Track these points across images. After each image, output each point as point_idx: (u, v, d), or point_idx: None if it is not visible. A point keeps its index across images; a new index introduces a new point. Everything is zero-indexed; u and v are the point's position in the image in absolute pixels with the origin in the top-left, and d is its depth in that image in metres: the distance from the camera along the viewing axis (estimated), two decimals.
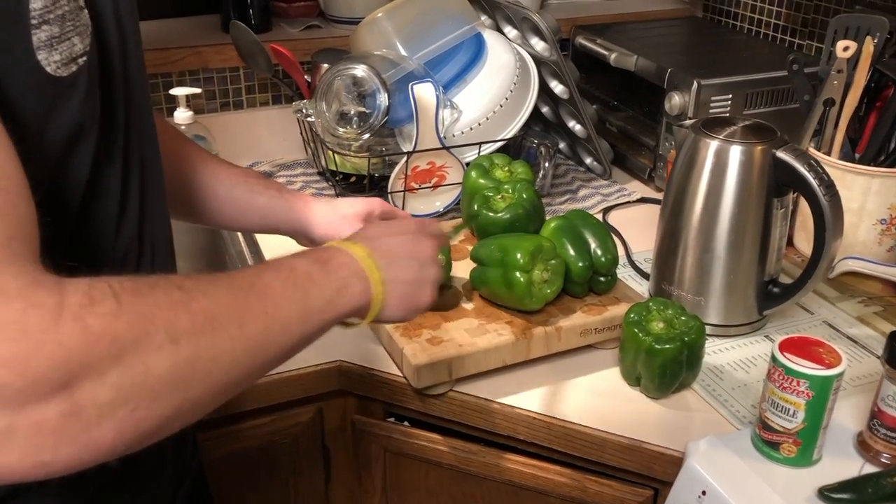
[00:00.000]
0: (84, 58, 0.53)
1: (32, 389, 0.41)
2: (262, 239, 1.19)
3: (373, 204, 0.97)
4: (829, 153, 1.13)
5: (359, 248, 0.65)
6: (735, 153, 0.94)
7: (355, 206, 0.95)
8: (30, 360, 0.41)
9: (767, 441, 0.80)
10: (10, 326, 0.41)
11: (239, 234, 1.24)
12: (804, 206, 1.12)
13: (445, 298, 0.97)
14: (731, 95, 1.28)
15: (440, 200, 1.28)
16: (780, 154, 0.92)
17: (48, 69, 0.50)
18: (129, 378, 0.45)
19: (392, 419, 0.99)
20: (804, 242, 1.18)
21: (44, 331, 0.42)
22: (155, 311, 0.47)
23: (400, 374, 0.93)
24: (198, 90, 1.38)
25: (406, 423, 0.98)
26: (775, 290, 1.00)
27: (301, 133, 1.41)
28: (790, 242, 1.19)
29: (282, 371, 0.94)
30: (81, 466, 0.45)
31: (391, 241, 0.70)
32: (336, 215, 0.94)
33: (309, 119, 1.28)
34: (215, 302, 0.51)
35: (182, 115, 1.32)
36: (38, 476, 0.44)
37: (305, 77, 1.41)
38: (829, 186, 0.90)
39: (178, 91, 1.32)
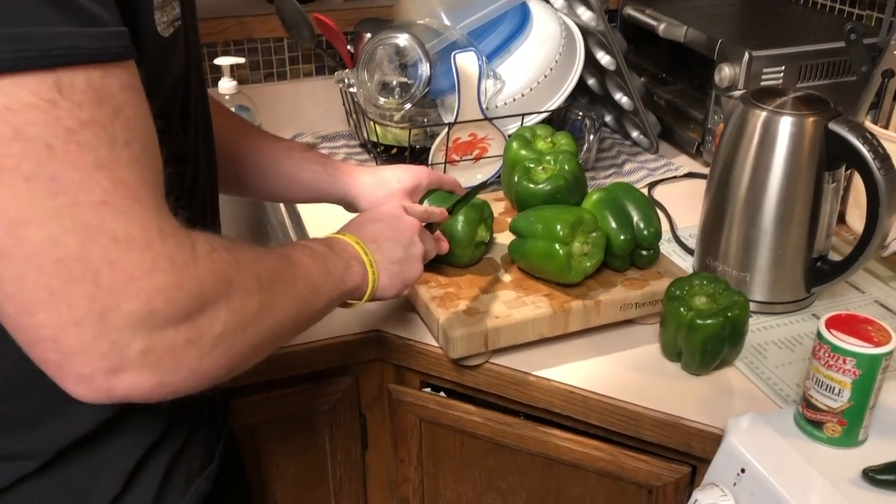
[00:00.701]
0: (179, 21, 0.58)
1: (173, 316, 0.48)
2: (303, 210, 1.19)
3: (420, 176, 0.96)
4: (886, 126, 1.09)
5: (349, 237, 0.76)
6: (785, 125, 0.91)
7: (403, 181, 0.95)
8: (176, 290, 0.48)
9: (811, 420, 0.78)
10: (165, 262, 0.48)
11: (281, 204, 1.25)
12: (858, 182, 1.09)
13: (481, 265, 0.97)
14: (783, 67, 1.23)
15: (481, 173, 1.27)
16: (833, 126, 0.89)
17: (159, 29, 0.54)
18: (233, 315, 0.53)
19: (428, 389, 0.99)
20: (857, 220, 1.14)
21: (187, 266, 0.49)
22: (247, 264, 0.56)
23: (437, 345, 0.92)
24: (242, 60, 1.39)
25: (442, 394, 0.98)
26: (824, 267, 0.97)
27: (343, 104, 1.40)
28: (842, 220, 1.15)
29: (321, 339, 0.95)
30: (188, 391, 0.52)
31: (374, 227, 0.80)
32: (384, 190, 0.94)
33: (351, 90, 1.27)
34: (274, 264, 0.60)
35: (226, 85, 1.33)
36: (155, 396, 0.50)
37: (348, 47, 1.41)
38: (885, 160, 0.87)
39: (223, 61, 1.33)
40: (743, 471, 0.77)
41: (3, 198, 0.44)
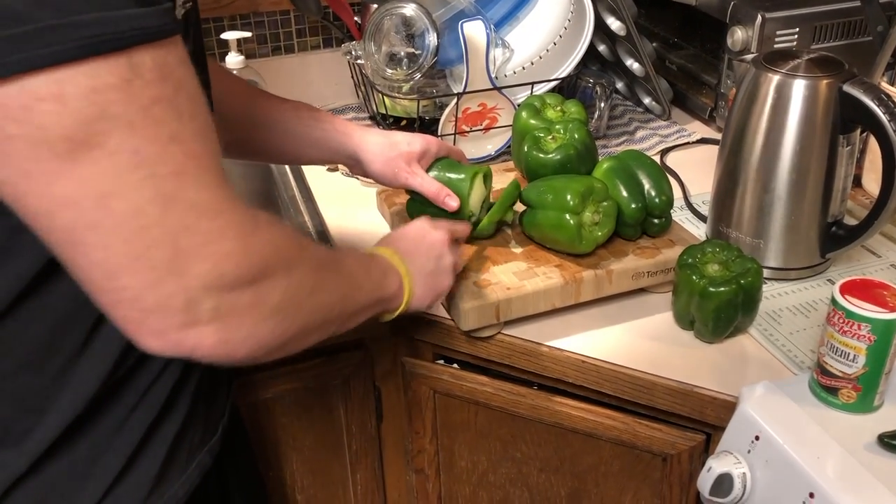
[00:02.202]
0: (191, 2, 0.60)
1: (239, 280, 0.53)
2: (313, 184, 1.19)
3: (430, 142, 0.96)
4: None
5: (385, 250, 0.80)
6: (798, 88, 0.89)
7: (413, 144, 0.94)
8: (243, 255, 0.53)
9: (826, 386, 0.77)
10: (233, 227, 0.52)
11: (291, 180, 1.24)
12: (874, 145, 1.07)
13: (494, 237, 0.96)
14: (797, 29, 1.21)
15: (492, 143, 1.26)
16: (847, 88, 0.87)
17: (177, 13, 0.56)
18: (291, 288, 0.58)
19: (441, 361, 0.99)
20: (873, 184, 1.12)
21: (252, 234, 0.54)
22: (304, 245, 0.61)
23: (448, 317, 0.92)
24: (248, 34, 1.38)
25: (455, 366, 0.99)
26: (839, 231, 0.96)
27: (352, 76, 1.39)
28: (858, 183, 1.13)
29: None
30: (241, 355, 0.55)
31: (406, 242, 0.83)
32: (394, 151, 0.94)
33: (359, 61, 1.26)
34: (325, 252, 0.66)
35: (234, 60, 1.32)
36: (217, 353, 0.54)
37: (355, 18, 1.39)
38: None
39: (230, 35, 1.32)
40: (757, 438, 0.77)
41: (92, 173, 0.47)
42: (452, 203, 0.92)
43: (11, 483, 0.60)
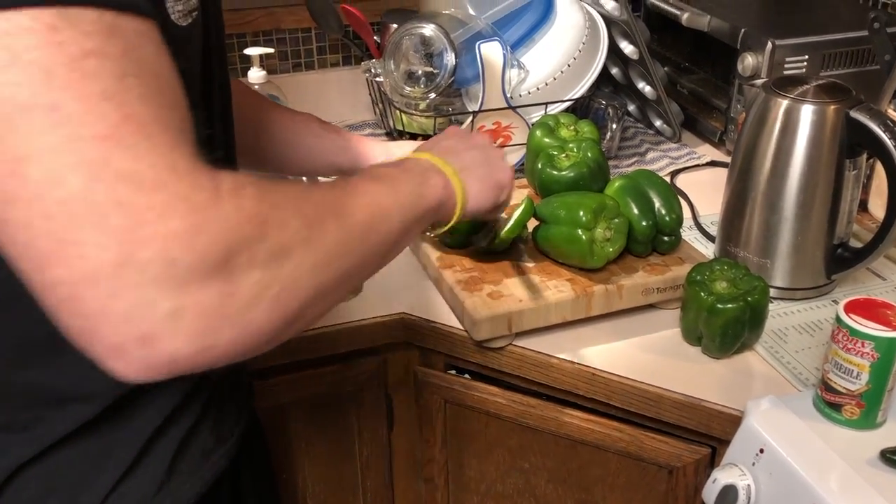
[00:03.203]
0: (197, 12, 0.55)
1: (198, 265, 0.43)
2: None
3: None
4: None
5: (420, 153, 0.72)
6: (806, 113, 0.92)
7: (404, 149, 0.98)
8: (197, 235, 0.43)
9: (829, 402, 0.79)
10: (181, 203, 0.43)
11: None
12: (880, 171, 1.09)
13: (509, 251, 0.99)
14: (807, 56, 1.24)
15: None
16: (854, 114, 0.90)
17: (172, 17, 0.52)
18: (275, 259, 0.47)
19: (453, 371, 1.02)
20: (879, 209, 1.14)
21: (207, 209, 0.44)
22: (286, 200, 0.50)
23: (461, 328, 0.95)
24: (271, 50, 1.42)
25: (466, 376, 1.01)
26: (845, 253, 0.98)
27: (370, 93, 1.43)
28: (864, 208, 1.16)
29: (348, 322, 0.97)
30: (240, 352, 0.47)
31: (446, 142, 0.76)
32: (391, 158, 0.97)
33: (377, 79, 1.30)
34: (324, 198, 0.55)
35: (256, 75, 1.36)
36: (204, 363, 0.45)
37: (375, 38, 1.43)
38: None
39: (252, 51, 1.36)
40: (762, 451, 0.78)
41: (3, 132, 0.40)
42: None
43: (18, 466, 0.60)
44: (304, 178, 1.00)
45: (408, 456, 1.10)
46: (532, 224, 0.99)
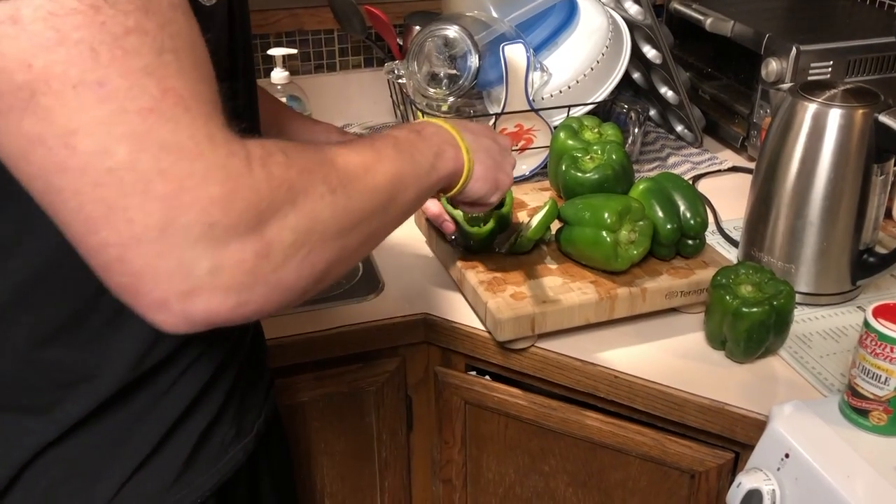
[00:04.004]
0: None
1: (234, 227, 0.46)
2: None
3: None
4: None
5: (445, 122, 0.74)
6: (834, 117, 0.91)
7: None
8: (232, 200, 0.46)
9: (856, 408, 0.79)
10: (218, 171, 0.46)
11: None
12: None
13: (531, 255, 0.99)
14: (832, 62, 1.23)
15: (527, 164, 1.28)
16: (883, 118, 0.90)
17: None
18: (304, 222, 0.50)
19: (473, 372, 1.01)
20: None
21: (241, 175, 0.47)
22: (312, 166, 0.53)
23: (483, 328, 0.95)
24: (294, 51, 1.42)
25: (487, 377, 1.01)
26: (871, 259, 0.97)
27: (391, 95, 1.43)
28: (890, 215, 1.15)
29: (370, 321, 0.97)
30: (272, 307, 0.50)
31: (469, 126, 0.78)
32: None
33: (400, 80, 1.30)
34: (349, 161, 0.57)
35: (279, 76, 1.36)
36: (239, 317, 0.49)
37: (398, 40, 1.43)
38: None
39: (276, 52, 1.36)
40: (787, 456, 0.78)
41: (54, 106, 0.43)
42: (450, 227, 0.99)
43: (40, 449, 0.61)
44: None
45: (426, 457, 1.10)
46: (555, 226, 0.99)
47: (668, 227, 0.94)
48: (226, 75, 0.61)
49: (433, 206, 1.00)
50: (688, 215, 0.96)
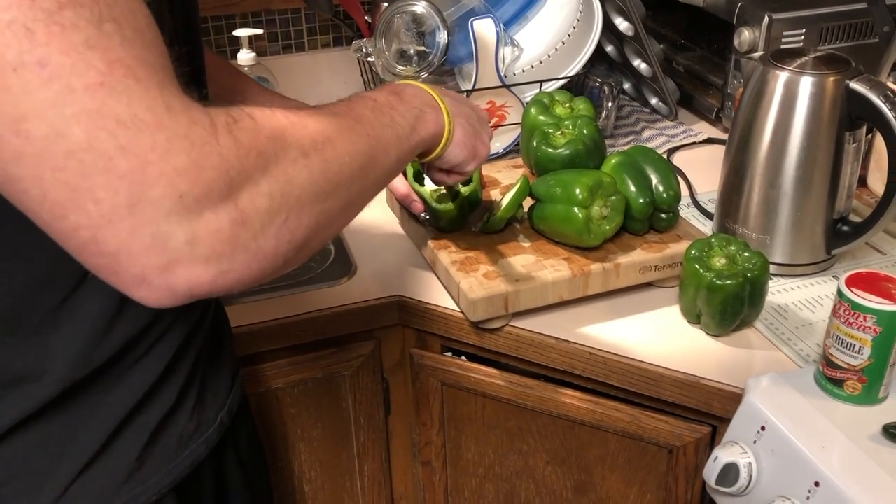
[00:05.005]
0: None
1: (205, 196, 0.45)
2: None
3: None
4: None
5: (427, 86, 0.73)
6: (805, 85, 0.90)
7: None
8: (200, 169, 0.45)
9: (831, 378, 0.78)
10: (181, 141, 0.44)
11: None
12: (879, 144, 1.08)
13: (503, 233, 0.97)
14: (804, 30, 1.22)
15: (500, 141, 1.27)
16: (854, 85, 0.89)
17: None
18: (278, 188, 0.49)
19: (449, 353, 1.00)
20: (878, 183, 1.13)
21: (206, 143, 0.45)
22: (282, 130, 0.51)
23: (457, 309, 0.93)
24: (260, 31, 1.39)
25: (463, 358, 0.99)
26: (845, 228, 0.97)
27: (361, 74, 1.41)
28: (864, 183, 1.14)
29: (343, 305, 0.96)
30: (255, 276, 0.49)
31: (449, 93, 0.77)
32: None
33: (369, 59, 1.27)
34: (325, 124, 0.55)
35: (245, 57, 1.33)
36: (222, 287, 0.48)
37: (366, 17, 1.41)
38: None
39: (242, 32, 1.33)
40: (763, 428, 0.77)
41: None
42: (418, 206, 0.98)
43: None
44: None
45: (405, 439, 1.09)
46: (528, 203, 0.98)
47: (641, 200, 0.93)
48: (175, 41, 0.59)
49: (401, 186, 0.99)
50: (660, 188, 0.95)
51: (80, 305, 0.59)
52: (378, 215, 1.10)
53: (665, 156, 1.28)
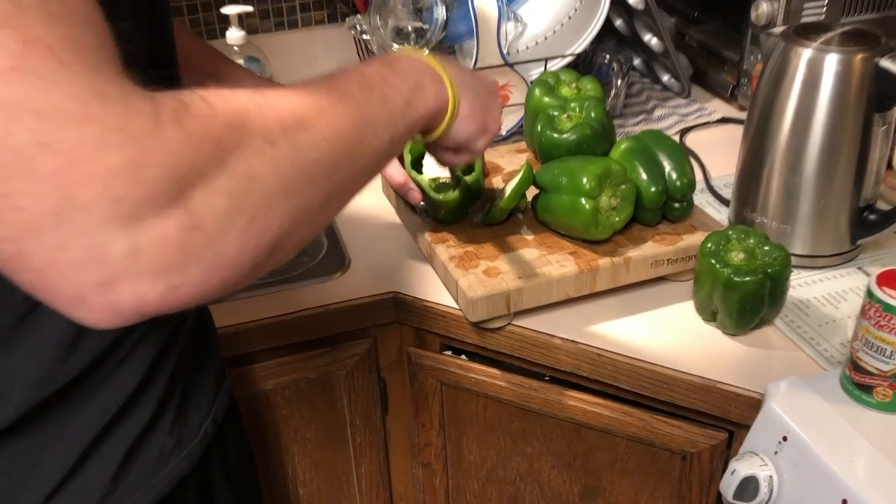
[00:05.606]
0: None
1: (148, 200, 0.38)
2: None
3: None
4: None
5: (424, 54, 0.64)
6: (831, 63, 0.83)
7: None
8: (140, 167, 0.38)
9: (859, 384, 0.72)
10: (116, 134, 0.38)
11: None
12: None
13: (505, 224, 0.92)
14: (826, 1, 1.15)
15: (503, 123, 1.20)
16: (884, 63, 0.82)
17: None
18: (238, 184, 0.42)
19: (449, 352, 0.95)
20: None
21: (147, 136, 0.38)
22: (244, 114, 0.44)
23: (456, 307, 0.88)
24: (250, 8, 1.32)
25: (463, 357, 0.94)
26: (871, 216, 0.90)
27: (357, 52, 1.34)
28: (891, 166, 1.08)
29: (337, 302, 0.91)
30: (215, 288, 0.42)
31: (452, 63, 0.69)
32: None
33: (364, 36, 1.21)
34: (298, 105, 0.48)
35: (234, 36, 1.27)
36: (174, 303, 0.41)
37: None
38: None
39: (230, 10, 1.26)
40: (785, 439, 0.72)
41: None
42: (416, 196, 0.92)
43: None
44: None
45: (404, 441, 1.05)
46: (531, 193, 0.92)
47: (653, 189, 0.87)
48: (130, 14, 0.53)
49: (397, 175, 0.92)
50: (673, 176, 0.89)
51: (39, 323, 0.54)
52: (373, 204, 1.05)
53: (678, 137, 1.21)
